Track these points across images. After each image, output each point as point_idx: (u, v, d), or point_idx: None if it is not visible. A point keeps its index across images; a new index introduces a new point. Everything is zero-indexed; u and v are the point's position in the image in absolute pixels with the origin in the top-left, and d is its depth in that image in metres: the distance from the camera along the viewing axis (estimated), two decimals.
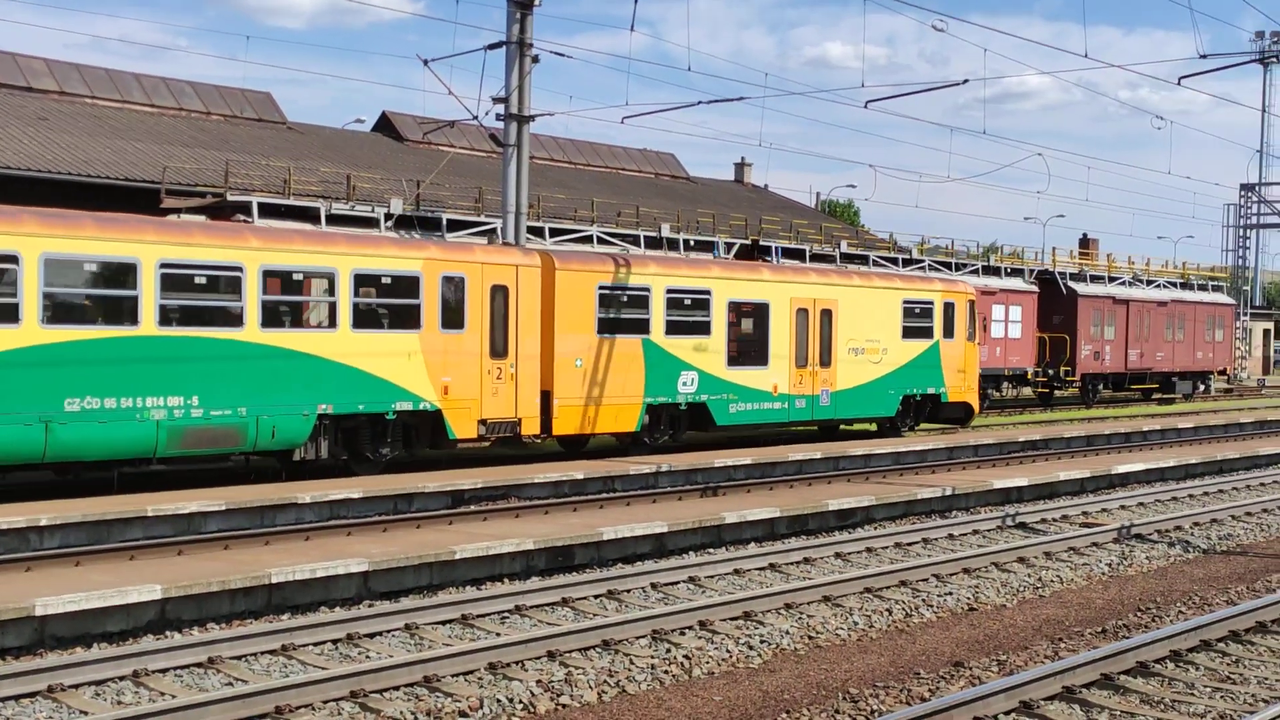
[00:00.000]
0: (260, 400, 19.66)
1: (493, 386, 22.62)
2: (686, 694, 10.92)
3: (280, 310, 20.20)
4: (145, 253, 18.49)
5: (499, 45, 28.33)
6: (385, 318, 21.56)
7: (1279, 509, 22.13)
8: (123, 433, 18.24)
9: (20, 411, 17.26)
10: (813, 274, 30.16)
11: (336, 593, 13.97)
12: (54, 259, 17.70)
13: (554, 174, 49.36)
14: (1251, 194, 63.55)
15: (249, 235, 20.26)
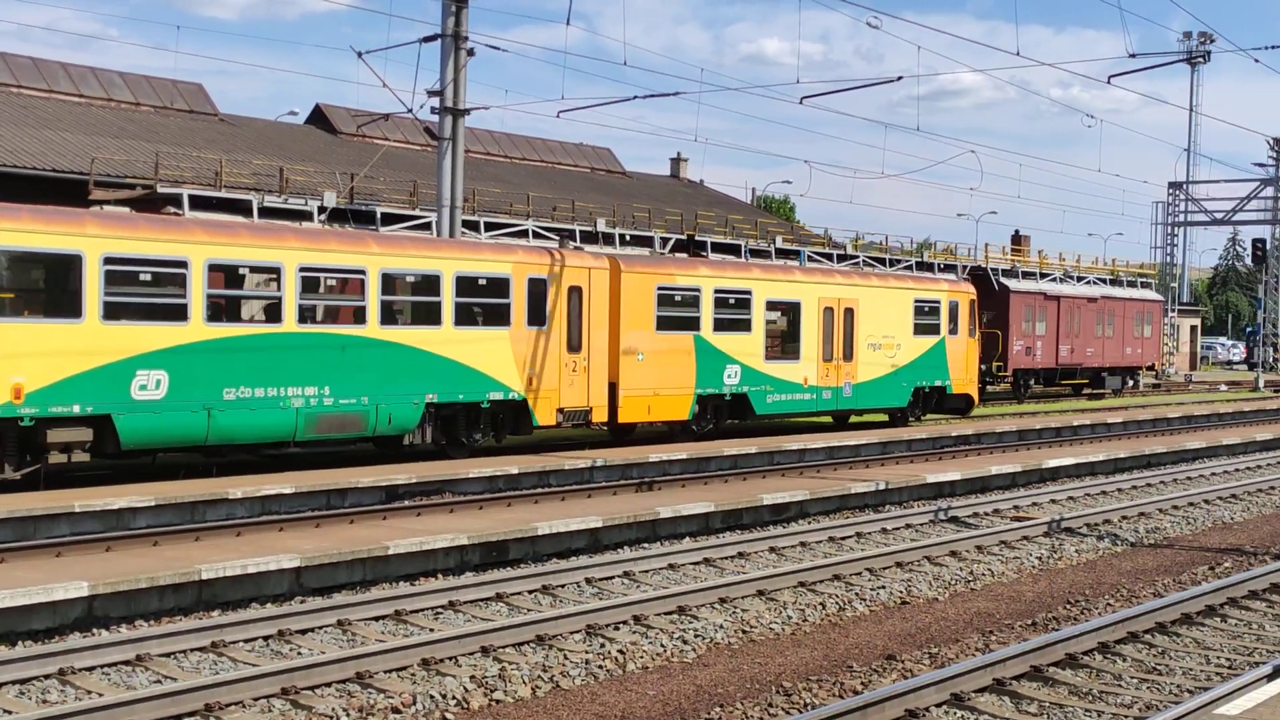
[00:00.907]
0: (379, 390, 21.63)
1: (569, 378, 24.65)
2: (620, 688, 10.92)
3: (395, 309, 22.25)
4: (288, 258, 20.52)
5: (434, 38, 28.19)
6: (480, 316, 23.49)
7: (1205, 503, 22.49)
8: (269, 419, 20.27)
9: (189, 400, 19.33)
10: (837, 275, 32.38)
11: (268, 589, 13.84)
12: (216, 264, 19.76)
13: (489, 168, 49.18)
14: (1179, 192, 64.49)
15: (371, 241, 22.45)
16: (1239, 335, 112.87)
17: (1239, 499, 23.18)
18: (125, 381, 18.68)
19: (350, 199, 33.55)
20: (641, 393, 26.32)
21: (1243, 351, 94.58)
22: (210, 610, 13.15)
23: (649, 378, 26.48)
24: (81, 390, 18.24)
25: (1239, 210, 61.69)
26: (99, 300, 18.47)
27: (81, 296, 18.34)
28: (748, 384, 28.47)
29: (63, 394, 18.07)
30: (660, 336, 26.70)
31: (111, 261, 18.60)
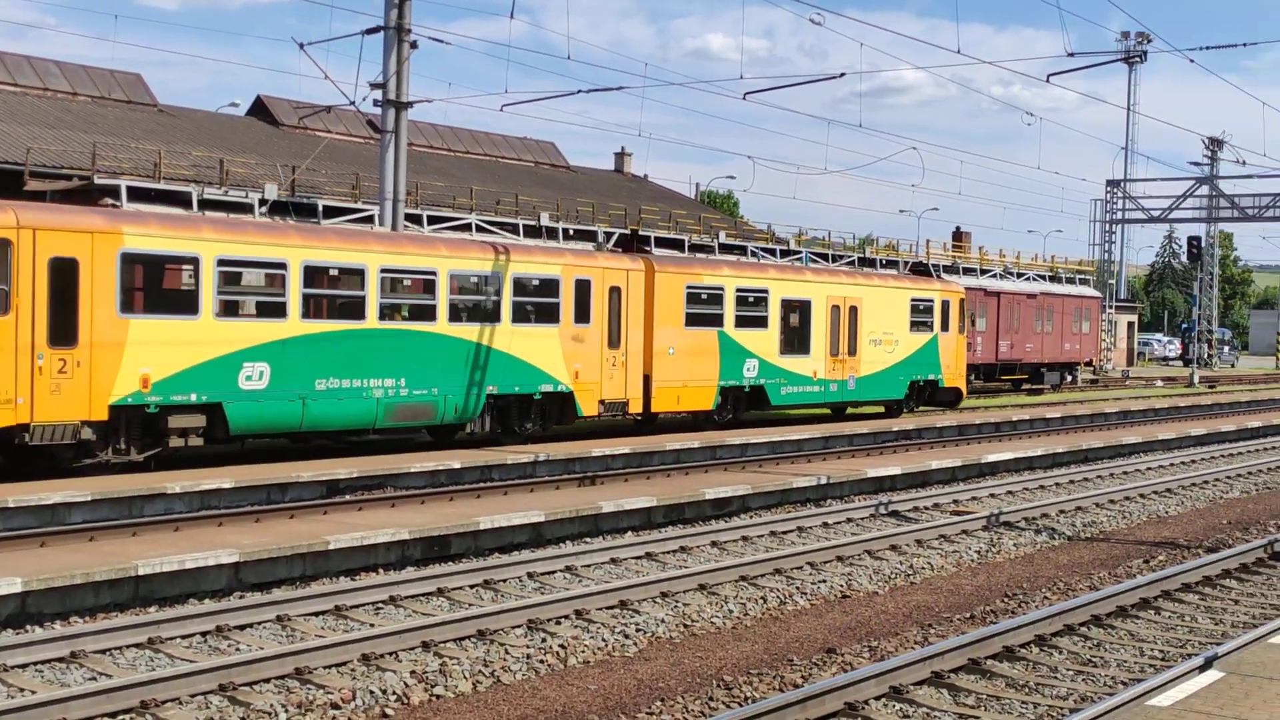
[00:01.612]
0: (447, 382, 23.49)
1: (609, 372, 26.59)
2: (562, 683, 10.92)
3: (460, 308, 23.96)
4: (371, 260, 22.36)
5: (377, 30, 27.96)
6: (533, 314, 25.31)
7: (1140, 497, 22.78)
8: (354, 408, 22.05)
9: (287, 390, 21.06)
10: (843, 275, 34.37)
11: (206, 584, 13.71)
12: (310, 265, 21.53)
13: (433, 161, 48.94)
14: (1117, 190, 65.23)
15: (441, 245, 24.24)
16: (1175, 331, 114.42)
17: (1173, 493, 23.50)
18: (234, 373, 20.47)
19: (292, 191, 33.25)
20: (672, 385, 28.18)
21: (1178, 348, 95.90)
22: (147, 606, 13.01)
23: (679, 371, 28.34)
24: (197, 380, 20.05)
25: (1175, 208, 62.55)
26: (213, 298, 20.29)
27: (198, 295, 20.15)
28: (764, 377, 30.40)
29: (182, 384, 19.86)
30: (689, 332, 28.54)
31: (223, 263, 20.43)
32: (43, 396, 18.27)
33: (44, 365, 18.27)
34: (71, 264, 18.65)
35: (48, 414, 18.36)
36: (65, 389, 18.50)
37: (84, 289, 18.76)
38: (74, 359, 18.62)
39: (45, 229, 18.50)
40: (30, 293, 18.18)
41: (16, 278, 18.05)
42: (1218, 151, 73.95)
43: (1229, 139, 77.82)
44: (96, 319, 18.89)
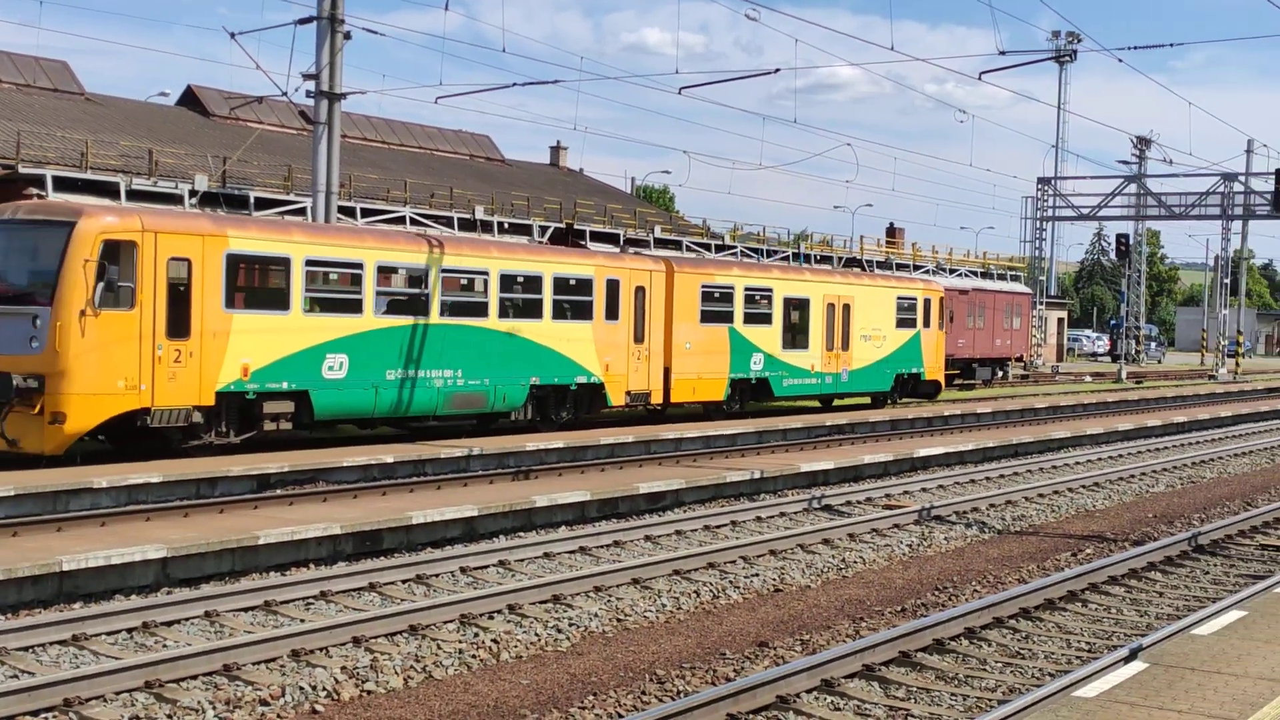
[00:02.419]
0: (497, 373, 25.43)
1: (635, 365, 28.64)
2: (494, 678, 10.88)
3: (507, 304, 25.84)
4: (433, 260, 24.28)
5: (310, 20, 27.74)
6: (570, 311, 27.24)
7: (1069, 491, 23.06)
8: (419, 396, 23.97)
9: (362, 379, 22.95)
10: (837, 275, 36.94)
11: (133, 580, 13.51)
12: (382, 265, 23.44)
13: (367, 154, 48.59)
14: (1048, 187, 65.98)
15: (492, 247, 26.66)
16: (1103, 328, 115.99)
17: (1101, 487, 23.81)
18: (318, 363, 22.34)
19: (223, 182, 32.89)
20: (689, 377, 30.28)
21: (1107, 344, 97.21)
22: (72, 603, 12.80)
23: (695, 364, 30.43)
24: (288, 370, 21.87)
25: (1104, 206, 63.39)
26: (301, 295, 22.17)
27: (289, 292, 22.00)
28: (769, 370, 32.52)
29: (275, 373, 21.67)
30: (703, 328, 30.66)
31: (310, 263, 22.34)
32: (161, 383, 20.10)
33: (162, 355, 20.11)
34: (185, 264, 20.45)
35: (165, 399, 20.18)
36: (180, 377, 20.33)
37: (195, 286, 20.55)
38: (187, 349, 20.44)
39: (164, 232, 20.27)
40: (152, 290, 19.98)
41: (141, 276, 19.83)
42: (1146, 150, 74.97)
43: (1157, 138, 79.08)
44: (206, 313, 20.70)
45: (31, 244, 20.10)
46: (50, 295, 19.26)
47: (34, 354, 19.16)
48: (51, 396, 19.04)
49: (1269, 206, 57.76)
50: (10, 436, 19.18)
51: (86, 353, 19.30)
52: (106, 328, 19.46)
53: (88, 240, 19.38)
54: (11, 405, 19.08)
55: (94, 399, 19.37)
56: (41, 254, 19.76)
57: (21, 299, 19.64)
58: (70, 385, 19.14)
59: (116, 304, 19.62)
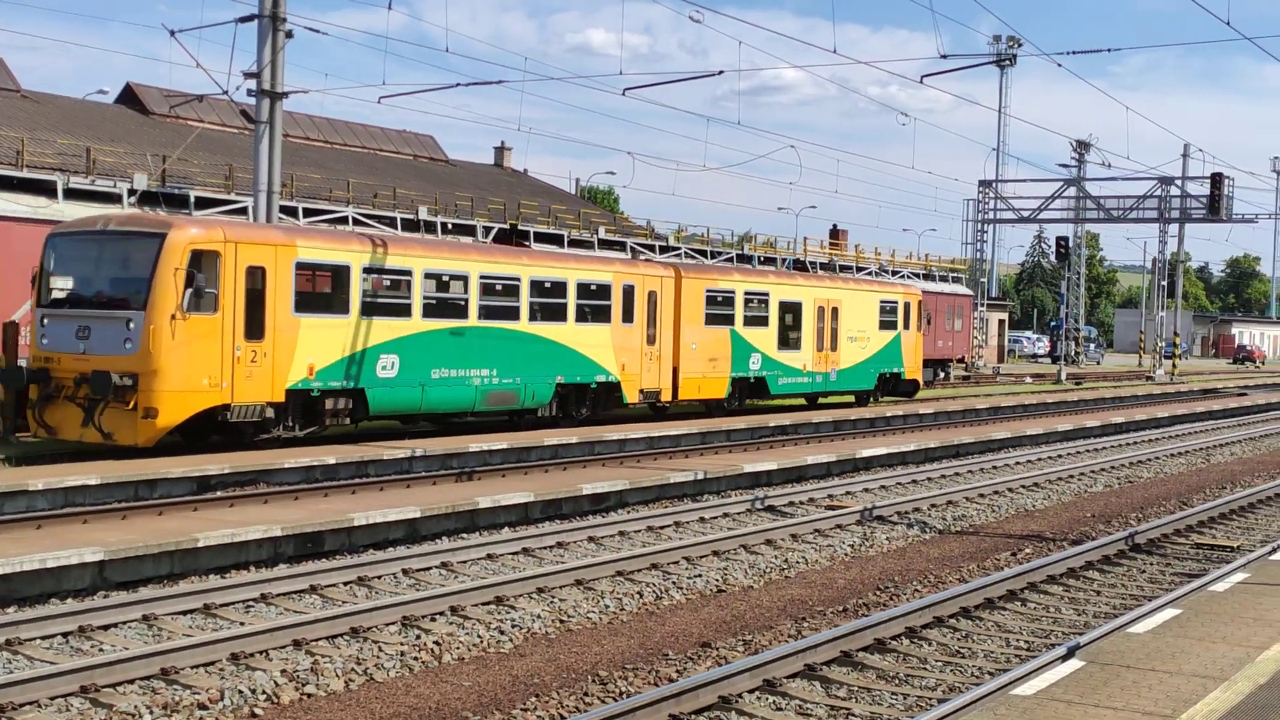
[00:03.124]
0: (527, 373, 27.24)
1: (647, 365, 30.51)
2: (436, 680, 10.84)
3: (536, 309, 27.49)
4: (473, 268, 26.10)
5: (251, 19, 27.51)
6: (590, 314, 28.93)
7: (1009, 491, 23.27)
8: (459, 394, 25.81)
9: (410, 378, 24.70)
10: (826, 280, 39.18)
11: (69, 583, 13.35)
12: (428, 272, 25.17)
13: (309, 153, 48.24)
14: (989, 190, 66.54)
15: (523, 255, 28.54)
16: (1044, 329, 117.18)
17: (1041, 487, 24.04)
18: (373, 363, 24.05)
19: (162, 181, 32.55)
20: (695, 376, 32.14)
21: (1047, 345, 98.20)
22: (6, 607, 12.62)
23: (700, 364, 32.28)
24: (347, 370, 23.59)
25: (1044, 209, 64.01)
26: (359, 300, 23.83)
27: (349, 297, 23.72)
28: (766, 370, 34.46)
29: (336, 372, 23.39)
30: (707, 330, 32.53)
31: (366, 271, 24.05)
32: (240, 381, 21.78)
33: (241, 355, 21.79)
34: (261, 271, 22.10)
35: (243, 396, 21.86)
36: (255, 375, 22.00)
37: (269, 292, 22.21)
38: (261, 350, 22.10)
39: (243, 242, 21.99)
40: (232, 295, 21.65)
41: (223, 283, 21.48)
42: (1085, 154, 75.83)
43: (1095, 142, 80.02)
44: (278, 317, 22.37)
45: (124, 253, 21.70)
46: (143, 301, 20.88)
47: (128, 354, 20.82)
48: (144, 393, 20.66)
49: (1204, 210, 58.60)
50: (106, 430, 20.75)
51: (176, 353, 20.97)
52: (193, 330, 21.18)
53: (177, 250, 21.01)
54: (107, 401, 20.65)
55: (182, 395, 21.09)
56: (134, 263, 21.37)
57: (116, 304, 21.29)
58: (161, 383, 20.77)
59: (202, 308, 21.30)
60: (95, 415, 20.81)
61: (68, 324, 21.55)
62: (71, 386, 21.07)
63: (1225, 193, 57.16)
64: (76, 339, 21.32)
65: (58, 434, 21.43)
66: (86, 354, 21.13)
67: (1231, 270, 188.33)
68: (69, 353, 21.31)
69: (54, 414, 21.38)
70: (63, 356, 21.36)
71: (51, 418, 21.39)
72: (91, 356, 21.07)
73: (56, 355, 21.45)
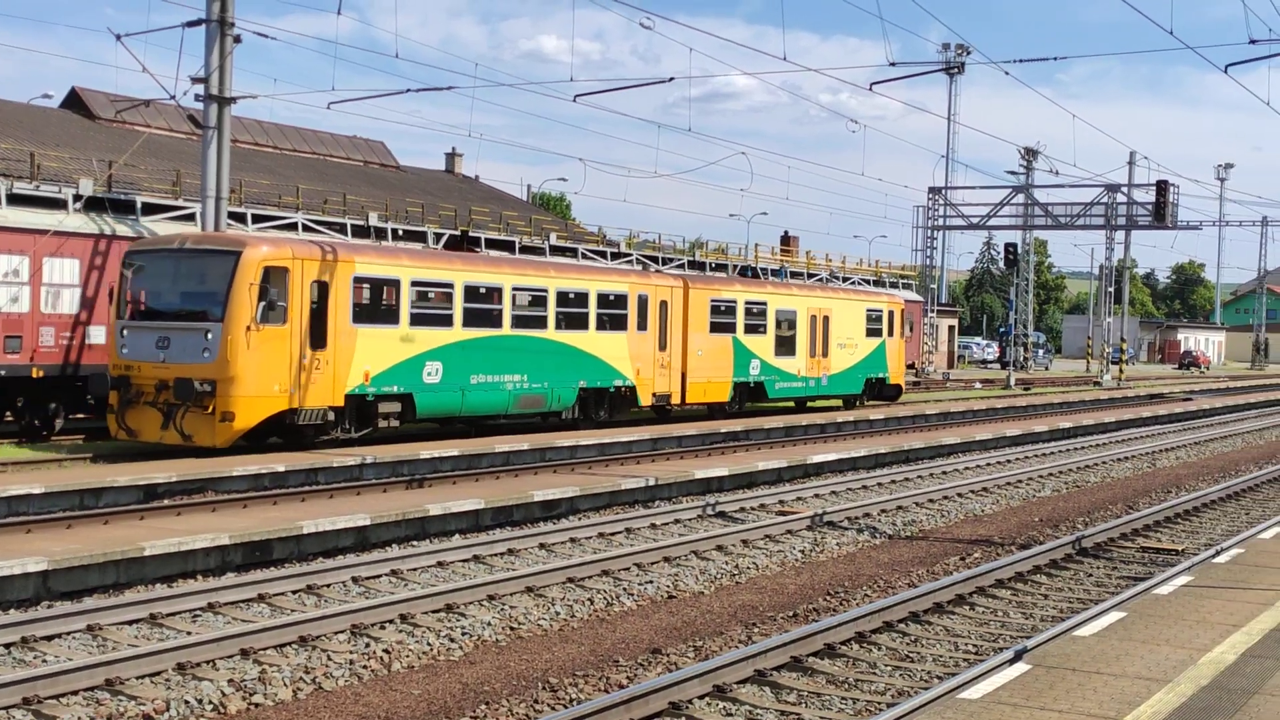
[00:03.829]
0: (554, 378, 29.06)
1: (659, 371, 32.52)
2: (385, 688, 10.78)
3: (561, 318, 29.43)
4: (506, 280, 28.05)
5: (199, 23, 27.29)
6: (609, 323, 30.90)
7: (958, 496, 23.43)
8: (495, 398, 27.60)
9: (452, 383, 26.44)
10: (818, 290, 41.29)
11: (12, 594, 13.18)
12: (468, 285, 27.00)
13: (258, 159, 47.90)
14: (938, 197, 66.93)
15: (550, 268, 30.40)
16: (993, 335, 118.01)
17: (989, 492, 24.22)
18: (420, 370, 25.77)
19: (109, 187, 32.20)
20: (701, 381, 34.10)
21: (996, 351, 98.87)
22: None
23: (706, 370, 34.28)
24: (397, 375, 25.30)
25: (993, 215, 64.44)
26: (408, 312, 25.59)
27: (399, 309, 25.47)
28: (764, 375, 36.45)
29: (388, 378, 25.09)
30: (712, 338, 34.50)
31: (414, 284, 25.82)
32: (305, 387, 23.51)
33: (307, 363, 23.51)
34: (324, 285, 23.86)
35: (309, 400, 23.60)
36: (319, 381, 23.73)
37: (331, 305, 23.96)
38: (324, 358, 23.84)
39: (308, 259, 23.71)
40: (299, 308, 23.39)
41: (291, 296, 23.20)
42: (1033, 161, 76.43)
43: (1043, 149, 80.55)
44: (338, 327, 24.11)
45: (201, 270, 23.36)
46: (221, 313, 22.59)
47: (206, 363, 22.51)
48: (222, 399, 22.34)
49: (1150, 217, 59.18)
50: (186, 432, 22.41)
51: (251, 362, 22.65)
52: (266, 340, 22.88)
53: (252, 266, 22.73)
54: (187, 406, 22.37)
55: (256, 400, 22.76)
56: (211, 278, 23.02)
57: (195, 316, 23.04)
58: (238, 389, 22.45)
59: (273, 320, 22.96)
60: (175, 419, 22.51)
61: (148, 335, 23.21)
62: (152, 392, 22.77)
63: (1170, 200, 57.73)
64: (156, 349, 22.97)
65: (138, 436, 23.09)
66: (166, 362, 22.83)
67: (1177, 277, 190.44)
68: (149, 361, 22.97)
69: (135, 418, 23.04)
70: (143, 365, 23.02)
71: (133, 421, 23.05)
72: (171, 365, 22.76)
73: (137, 364, 23.12)
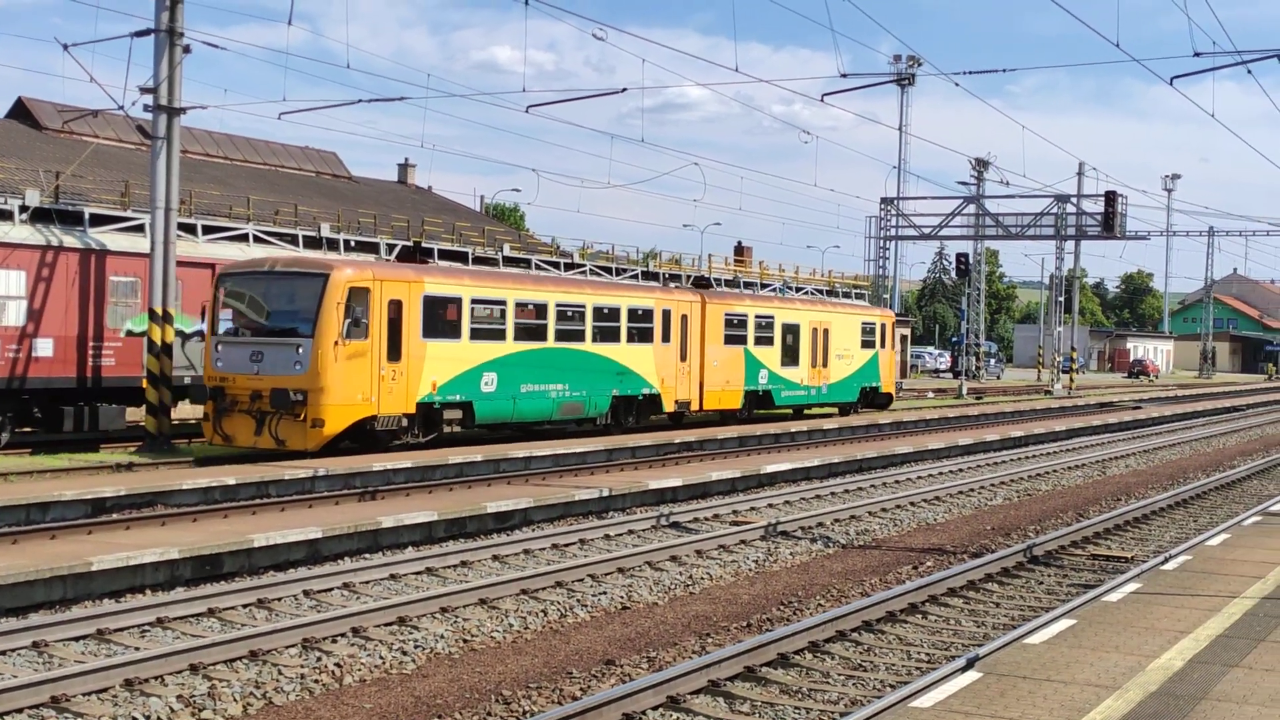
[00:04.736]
0: (590, 387, 31.50)
1: (681, 380, 34.94)
2: (336, 703, 10.70)
3: (597, 331, 31.80)
4: (550, 298, 30.51)
5: (147, 33, 27.07)
6: (637, 336, 33.32)
7: (910, 505, 23.54)
8: (541, 405, 30.02)
9: (505, 393, 28.77)
10: (819, 305, 43.76)
11: None
12: (518, 301, 29.41)
13: (208, 169, 47.59)
14: (891, 207, 67.29)
15: (586, 286, 33.06)
16: (945, 345, 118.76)
17: (942, 501, 24.35)
18: (478, 380, 28.06)
19: (56, 198, 31.86)
20: (717, 389, 36.48)
21: (948, 360, 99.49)
22: None
23: (720, 378, 36.64)
24: (459, 385, 27.57)
25: (945, 226, 64.85)
26: (468, 327, 27.91)
27: (461, 325, 27.71)
28: (772, 384, 38.92)
29: (451, 388, 27.35)
30: (726, 349, 36.86)
31: (474, 301, 28.16)
32: (384, 396, 25.64)
33: (384, 374, 25.65)
34: (399, 304, 26.01)
35: (386, 408, 25.71)
36: (395, 391, 25.87)
37: (405, 321, 26.10)
38: (399, 369, 25.98)
39: (386, 280, 25.97)
40: (378, 324, 25.49)
41: (372, 314, 25.32)
42: (984, 172, 76.99)
43: (994, 160, 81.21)
44: (411, 342, 26.22)
45: (292, 290, 25.37)
46: (311, 329, 24.59)
47: (297, 374, 24.47)
48: (312, 407, 24.37)
49: (1099, 228, 59.73)
50: (280, 438, 24.38)
51: (338, 373, 24.70)
52: (350, 354, 24.95)
53: (339, 287, 24.80)
54: (280, 414, 24.37)
55: (343, 408, 24.87)
56: (301, 298, 25.05)
57: (286, 333, 25.04)
58: (327, 398, 24.50)
59: (356, 335, 25.04)
60: (269, 425, 24.51)
61: (241, 349, 25.17)
62: (246, 401, 24.70)
63: (1119, 210, 58.28)
64: (250, 362, 24.93)
65: (233, 441, 24.98)
66: (259, 374, 24.73)
67: (1126, 286, 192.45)
68: (243, 373, 24.88)
69: (230, 425, 24.97)
70: (237, 377, 24.92)
71: (228, 428, 24.99)
72: (264, 376, 24.67)
73: (231, 376, 25.02)
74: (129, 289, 28.44)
